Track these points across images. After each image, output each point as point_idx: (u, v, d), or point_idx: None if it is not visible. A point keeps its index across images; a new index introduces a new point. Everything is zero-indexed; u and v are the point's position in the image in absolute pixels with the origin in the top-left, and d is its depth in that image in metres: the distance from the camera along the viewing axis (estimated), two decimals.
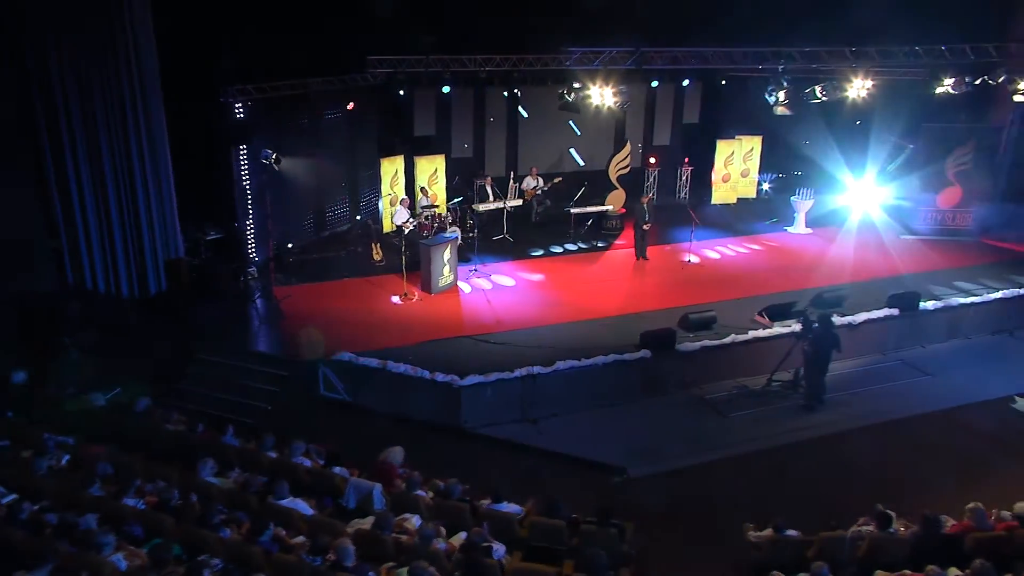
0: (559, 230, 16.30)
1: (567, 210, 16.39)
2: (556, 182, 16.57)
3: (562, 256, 15.19)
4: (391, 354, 10.47)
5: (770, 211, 17.81)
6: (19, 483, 6.72)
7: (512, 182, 16.77)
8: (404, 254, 13.12)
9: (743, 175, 18.67)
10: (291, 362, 10.70)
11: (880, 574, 6.20)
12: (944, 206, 16.21)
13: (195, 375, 10.74)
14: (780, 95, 13.38)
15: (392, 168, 15.42)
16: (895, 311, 11.98)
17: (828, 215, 17.17)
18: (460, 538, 6.58)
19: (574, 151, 17.78)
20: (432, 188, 15.74)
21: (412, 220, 14.31)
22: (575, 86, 13.67)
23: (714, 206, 18.37)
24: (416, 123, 15.86)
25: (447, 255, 13.10)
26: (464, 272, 13.83)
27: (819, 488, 8.67)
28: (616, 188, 17.12)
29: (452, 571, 6.05)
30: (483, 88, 16.13)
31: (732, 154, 18.38)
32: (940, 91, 13.60)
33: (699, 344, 10.97)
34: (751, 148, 18.45)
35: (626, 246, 15.54)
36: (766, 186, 18.87)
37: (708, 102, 18.71)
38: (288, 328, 11.68)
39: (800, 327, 10.55)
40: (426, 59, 14.27)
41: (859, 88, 14.62)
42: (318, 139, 14.75)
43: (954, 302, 12.43)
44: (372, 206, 16.18)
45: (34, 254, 11.55)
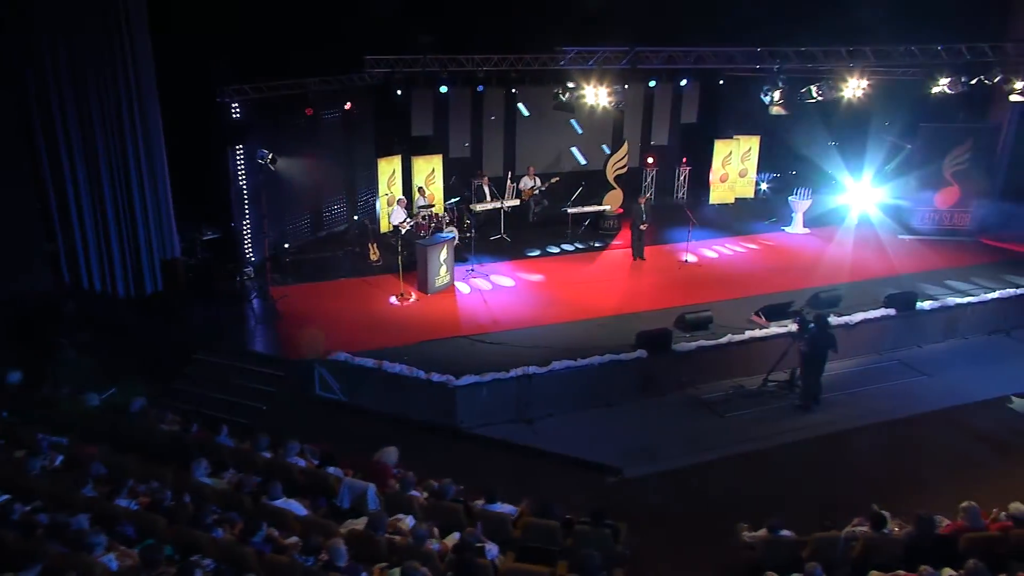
0: (556, 230, 16.28)
1: (564, 210, 16.38)
2: (553, 182, 16.55)
3: (559, 256, 15.17)
4: (387, 354, 10.46)
5: (768, 211, 17.79)
6: (12, 484, 6.70)
7: (509, 182, 16.75)
8: (401, 254, 13.12)
9: (741, 175, 18.63)
10: (287, 362, 10.69)
11: (874, 574, 6.19)
12: (942, 206, 16.18)
13: (191, 375, 10.75)
14: (775, 95, 13.37)
15: (389, 168, 15.40)
16: (892, 311, 11.97)
17: (826, 215, 17.18)
18: (454, 538, 6.57)
19: (576, 150, 17.77)
20: (429, 188, 15.73)
21: (409, 220, 14.28)
22: (570, 86, 13.65)
23: (712, 206, 18.35)
24: (413, 123, 15.82)
25: (443, 255, 13.09)
26: (461, 272, 13.81)
27: (815, 488, 8.66)
28: (613, 188, 17.11)
29: (445, 572, 6.04)
30: (481, 87, 16.10)
31: (730, 154, 18.35)
32: (936, 91, 13.59)
33: (695, 344, 10.95)
34: (749, 148, 18.41)
35: (623, 246, 15.52)
36: (764, 186, 18.85)
37: (706, 102, 18.64)
38: (284, 328, 11.67)
39: (796, 327, 10.54)
40: (423, 59, 14.24)
41: (855, 88, 14.64)
42: (315, 139, 14.74)
43: (951, 302, 12.42)
44: (369, 206, 16.19)
45: (31, 254, 11.58)
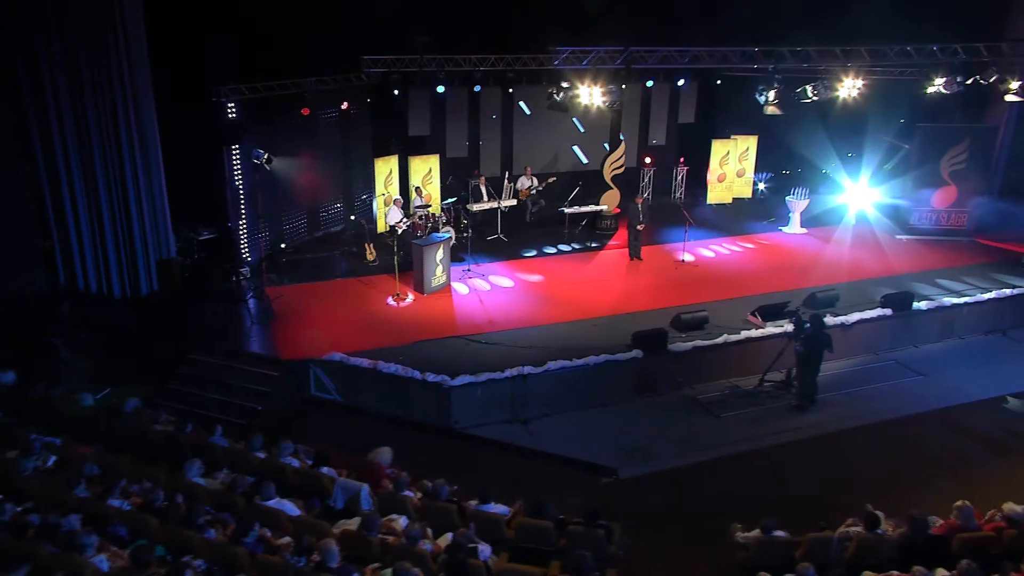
0: (553, 230, 16.28)
1: (561, 210, 16.37)
2: (551, 182, 16.53)
3: (556, 256, 15.15)
4: (382, 354, 10.45)
5: (766, 211, 17.78)
6: (4, 484, 6.68)
7: (507, 182, 16.74)
8: (397, 254, 13.09)
9: (739, 175, 18.62)
10: (282, 362, 10.68)
11: (868, 575, 6.18)
12: (939, 206, 16.17)
13: (186, 375, 10.72)
14: (770, 95, 13.35)
15: (386, 168, 15.39)
16: (888, 311, 11.97)
17: (823, 215, 17.17)
18: (447, 539, 6.55)
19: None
20: (426, 188, 15.71)
21: (405, 220, 14.27)
22: (564, 85, 13.64)
23: (709, 206, 18.35)
24: (410, 123, 15.81)
25: (440, 255, 13.07)
26: (457, 272, 13.79)
27: (811, 489, 8.65)
28: (611, 188, 17.09)
29: (437, 572, 6.02)
30: (478, 87, 16.08)
31: (727, 154, 18.34)
32: (931, 91, 13.58)
33: (691, 344, 10.95)
34: (747, 148, 18.40)
35: (620, 246, 15.51)
36: (762, 186, 18.84)
37: (704, 102, 18.66)
38: (280, 328, 11.65)
39: (792, 327, 10.53)
40: (420, 59, 14.22)
41: (850, 88, 14.62)
42: (312, 139, 14.73)
43: (947, 302, 12.42)
44: (366, 206, 16.17)
45: (26, 254, 11.56)
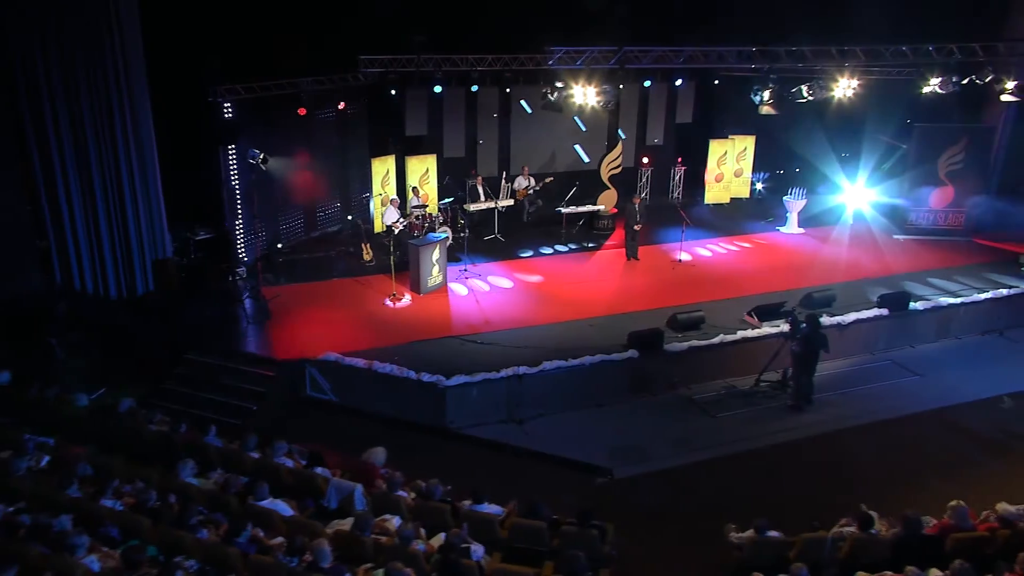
0: (550, 230, 16.28)
1: (558, 210, 16.36)
2: (548, 182, 16.52)
3: (553, 256, 15.14)
4: (378, 354, 10.44)
5: (764, 211, 17.77)
6: None
7: (504, 182, 16.73)
8: (393, 254, 13.09)
9: (736, 175, 18.61)
10: (278, 362, 10.67)
11: (861, 575, 6.18)
12: (937, 206, 16.17)
13: (182, 375, 10.72)
14: (765, 94, 13.34)
15: (383, 168, 15.38)
16: (885, 311, 11.96)
17: (821, 215, 17.16)
18: (440, 539, 6.54)
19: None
20: (423, 188, 15.70)
21: (402, 220, 14.26)
22: (558, 85, 13.62)
23: (707, 206, 18.34)
24: (407, 123, 15.81)
25: (436, 255, 13.06)
26: (454, 272, 13.78)
27: (807, 489, 8.65)
28: (608, 188, 17.08)
29: (430, 573, 6.02)
30: (475, 87, 16.07)
31: (725, 154, 18.32)
32: (927, 91, 13.57)
33: (687, 344, 10.93)
34: (744, 148, 18.39)
35: (617, 246, 15.50)
36: (760, 186, 18.83)
37: (702, 102, 18.66)
38: (277, 328, 11.64)
39: (789, 327, 10.53)
40: (417, 59, 14.21)
41: (845, 88, 14.61)
42: (309, 139, 14.72)
43: (944, 302, 12.41)
44: (363, 206, 16.16)
45: (22, 255, 11.55)
